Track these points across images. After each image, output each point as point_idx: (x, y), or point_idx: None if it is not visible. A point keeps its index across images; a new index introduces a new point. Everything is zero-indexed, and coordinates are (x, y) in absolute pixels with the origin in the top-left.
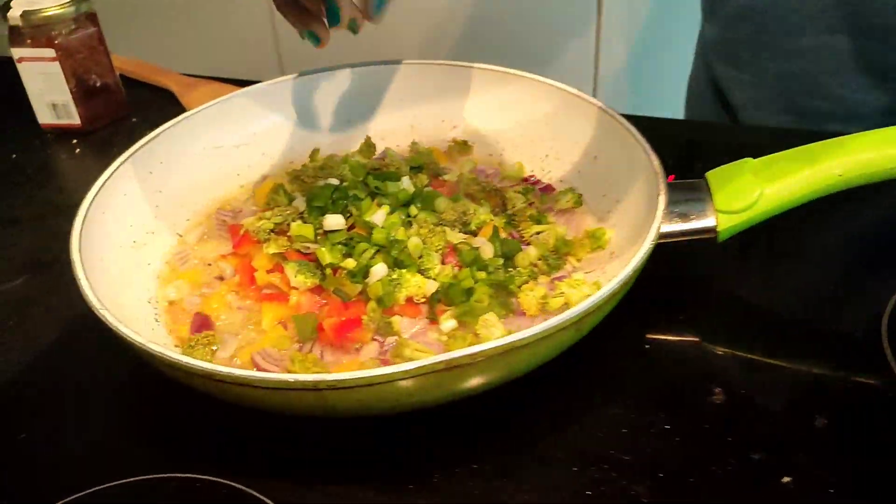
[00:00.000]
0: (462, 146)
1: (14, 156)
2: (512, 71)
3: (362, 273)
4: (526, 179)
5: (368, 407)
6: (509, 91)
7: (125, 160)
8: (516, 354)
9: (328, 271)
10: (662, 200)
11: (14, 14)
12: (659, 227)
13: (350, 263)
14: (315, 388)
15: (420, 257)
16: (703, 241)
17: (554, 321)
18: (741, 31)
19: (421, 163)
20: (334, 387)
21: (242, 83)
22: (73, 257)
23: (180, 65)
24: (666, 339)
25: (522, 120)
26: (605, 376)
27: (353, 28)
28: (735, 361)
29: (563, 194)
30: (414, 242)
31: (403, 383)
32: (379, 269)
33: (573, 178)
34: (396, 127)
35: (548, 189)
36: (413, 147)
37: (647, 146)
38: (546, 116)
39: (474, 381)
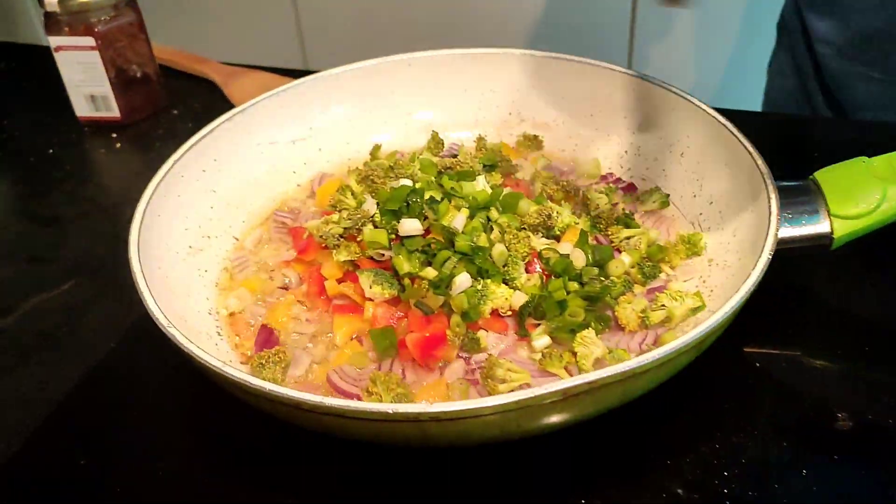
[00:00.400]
0: (532, 141)
1: (51, 150)
2: (586, 60)
3: (445, 284)
4: (605, 177)
5: (470, 437)
6: (583, 82)
7: (178, 159)
8: (637, 380)
9: (406, 281)
10: (774, 205)
11: (51, 0)
12: (776, 235)
13: (430, 273)
14: (416, 419)
15: (504, 266)
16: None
17: (680, 343)
18: (874, 25)
19: (493, 160)
20: (438, 418)
21: (279, 72)
22: (134, 268)
23: (202, 52)
24: (767, 353)
25: (597, 113)
26: (711, 398)
27: None
28: (852, 381)
29: (648, 194)
30: (499, 250)
31: (513, 414)
32: (463, 280)
33: (657, 176)
34: (459, 120)
35: (630, 188)
36: (480, 142)
37: (749, 144)
38: (624, 109)
39: (587, 409)
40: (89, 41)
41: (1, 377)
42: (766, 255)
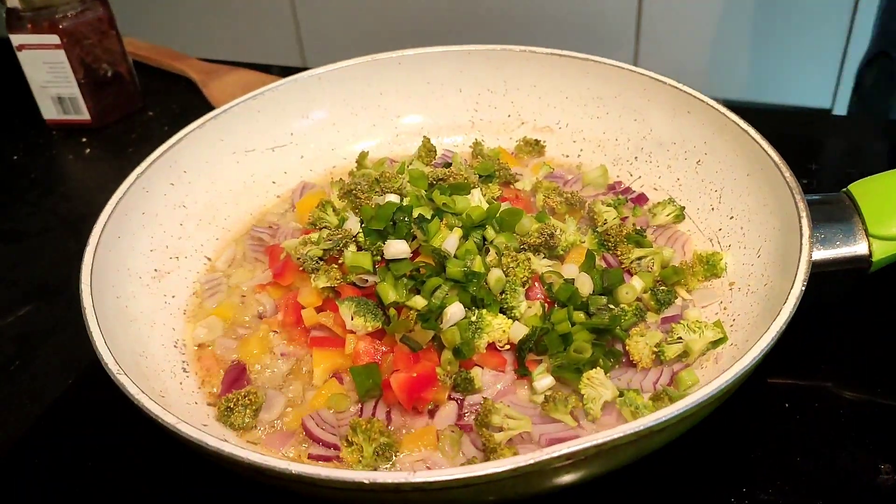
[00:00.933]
0: (533, 146)
1: (15, 157)
2: (592, 58)
3: (435, 315)
4: (612, 187)
5: None
6: (589, 81)
7: (142, 172)
8: (652, 438)
9: (392, 312)
10: (806, 225)
11: None
12: (809, 262)
13: (419, 302)
14: (397, 489)
15: (502, 293)
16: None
17: (701, 396)
18: None
19: (490, 170)
20: (422, 489)
21: (266, 68)
22: (84, 302)
23: (194, 48)
24: (795, 386)
25: (604, 115)
26: (734, 444)
27: None
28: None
29: (661, 207)
30: (496, 276)
31: (509, 482)
32: (455, 311)
33: (670, 186)
34: (454, 123)
35: (640, 199)
36: (476, 147)
37: (775, 153)
38: (635, 111)
39: (595, 471)
40: (54, 39)
41: None
42: (799, 287)
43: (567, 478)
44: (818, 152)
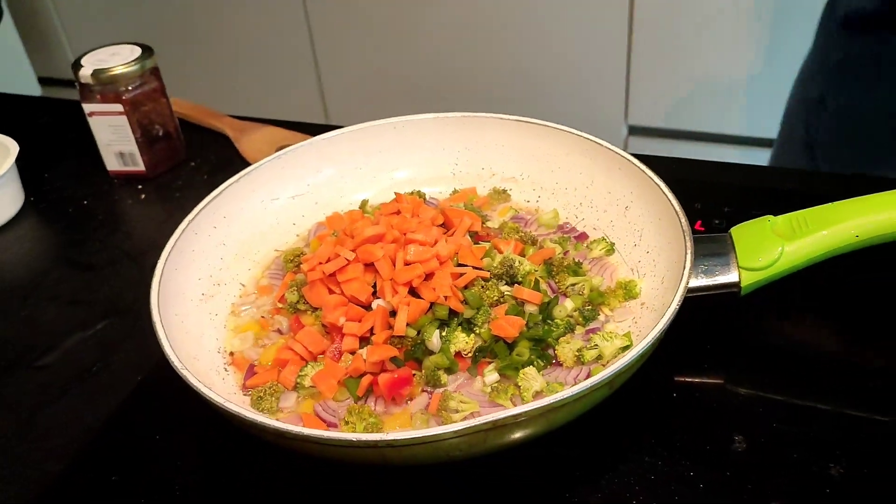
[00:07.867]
0: (500, 194)
1: (86, 202)
2: (548, 124)
3: (421, 349)
4: (562, 227)
5: (421, 460)
6: (545, 142)
7: (192, 219)
8: (554, 414)
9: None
10: (689, 260)
11: (85, 73)
12: (686, 286)
13: (410, 332)
14: (375, 446)
15: (478, 310)
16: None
17: (588, 384)
18: None
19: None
20: (391, 445)
21: (290, 125)
22: (154, 318)
23: (229, 105)
24: (692, 382)
25: (557, 169)
26: (637, 422)
27: None
28: (756, 407)
29: (596, 243)
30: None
31: (452, 441)
32: (437, 342)
33: (605, 226)
34: (438, 175)
35: (582, 237)
36: (455, 194)
37: (676, 204)
38: (580, 167)
39: (515, 437)
40: (118, 108)
41: (45, 408)
42: (675, 305)
43: (495, 443)
44: (736, 197)
